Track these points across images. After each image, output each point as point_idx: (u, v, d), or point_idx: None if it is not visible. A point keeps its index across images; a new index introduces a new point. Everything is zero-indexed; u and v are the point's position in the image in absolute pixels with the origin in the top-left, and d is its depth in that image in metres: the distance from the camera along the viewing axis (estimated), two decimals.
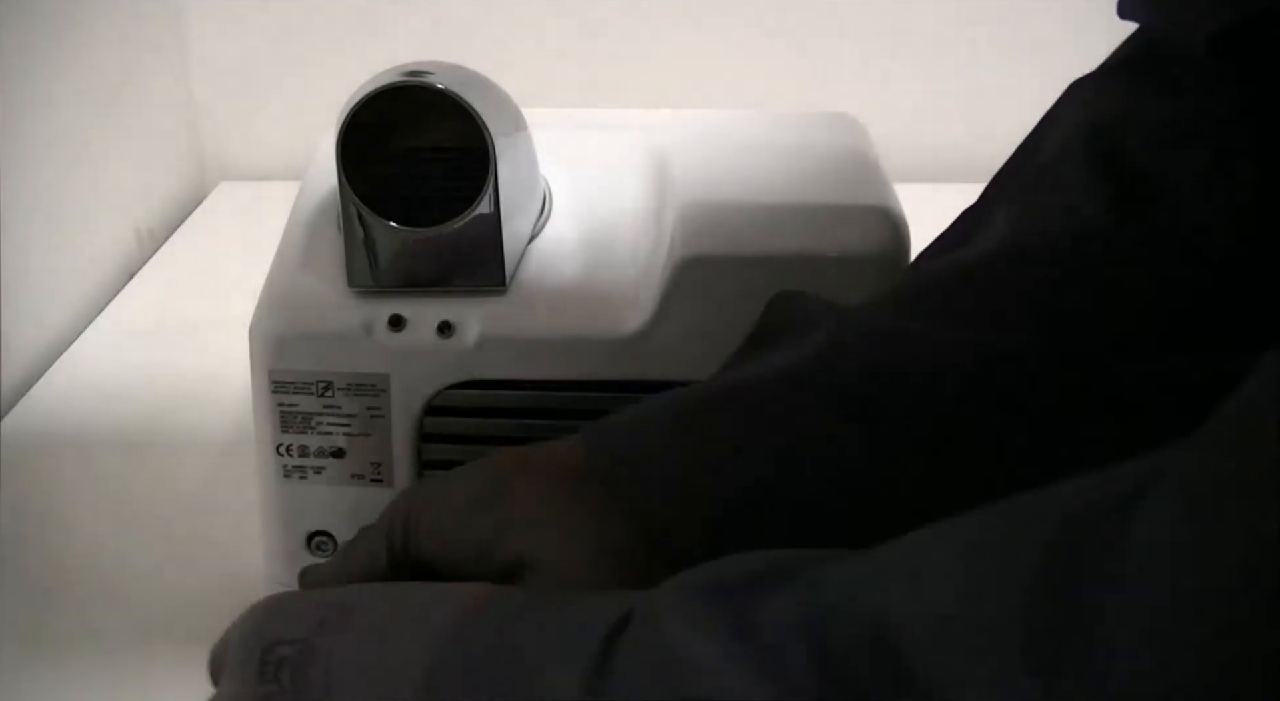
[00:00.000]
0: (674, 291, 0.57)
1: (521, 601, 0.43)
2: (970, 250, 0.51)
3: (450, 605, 0.43)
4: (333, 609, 0.45)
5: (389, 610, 0.45)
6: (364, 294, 0.58)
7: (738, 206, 0.59)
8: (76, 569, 0.67)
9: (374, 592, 0.46)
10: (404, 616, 0.44)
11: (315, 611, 0.45)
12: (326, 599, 0.46)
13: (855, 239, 0.57)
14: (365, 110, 0.54)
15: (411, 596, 0.45)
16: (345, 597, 0.46)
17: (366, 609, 0.45)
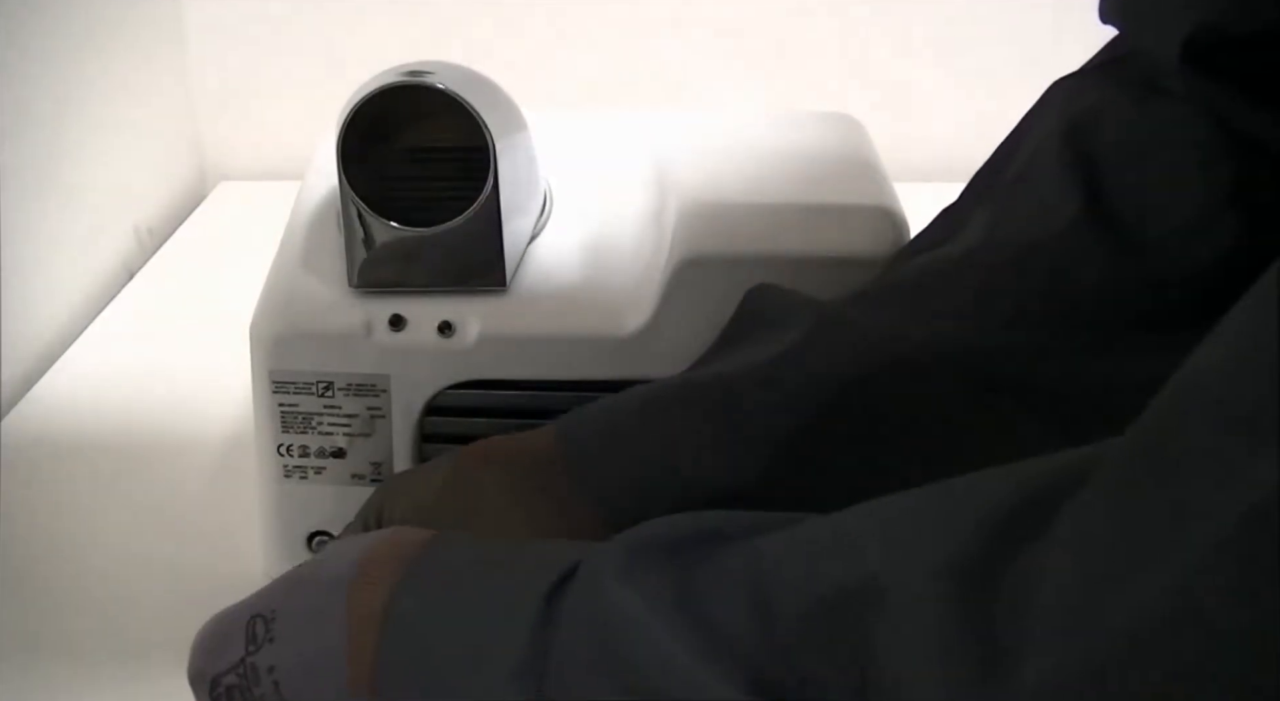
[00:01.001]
0: (674, 291, 0.57)
1: (462, 555, 0.43)
2: (947, 248, 0.52)
3: (368, 568, 0.44)
4: (257, 621, 0.45)
5: (306, 606, 0.45)
6: (364, 294, 0.58)
7: (738, 206, 0.59)
8: (77, 568, 0.67)
9: (288, 587, 0.47)
10: (319, 608, 0.44)
11: (241, 630, 0.46)
12: (251, 609, 0.46)
13: (855, 239, 0.57)
14: (365, 110, 0.54)
15: (322, 580, 0.45)
16: (266, 603, 0.46)
17: (287, 610, 0.45)
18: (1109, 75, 0.54)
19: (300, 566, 0.48)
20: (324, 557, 0.48)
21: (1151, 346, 0.48)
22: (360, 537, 0.47)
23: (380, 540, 0.46)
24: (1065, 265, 0.49)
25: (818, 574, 0.34)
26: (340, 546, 0.48)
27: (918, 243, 0.56)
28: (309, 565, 0.48)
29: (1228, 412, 0.27)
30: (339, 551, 0.47)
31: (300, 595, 0.46)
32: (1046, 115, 0.54)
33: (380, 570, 0.44)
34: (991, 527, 0.31)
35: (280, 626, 0.45)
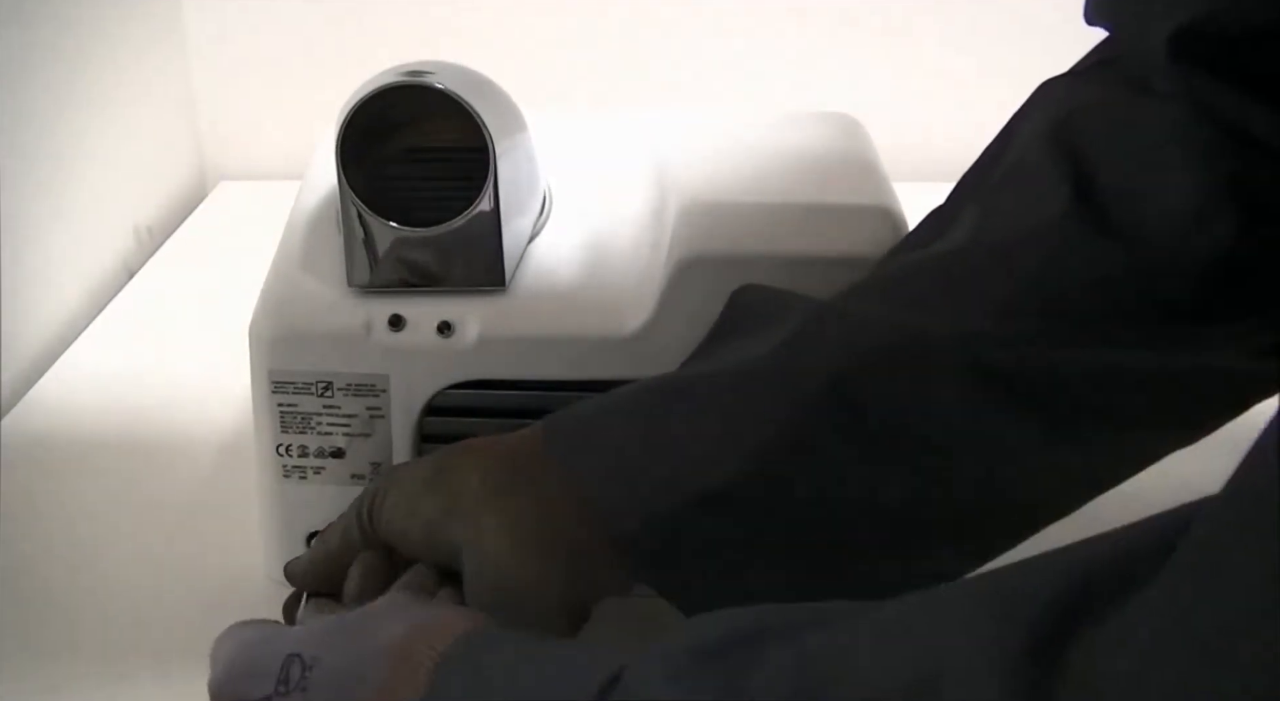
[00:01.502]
0: (674, 291, 0.57)
1: (506, 651, 0.43)
2: (937, 245, 0.52)
3: (410, 655, 0.43)
4: (295, 661, 0.45)
5: (346, 664, 0.45)
6: (364, 294, 0.58)
7: (738, 206, 0.59)
8: (76, 568, 0.67)
9: (335, 639, 0.46)
10: (360, 673, 0.44)
11: (278, 665, 0.45)
12: (291, 646, 0.46)
13: (855, 239, 0.57)
14: (365, 110, 0.54)
15: (368, 642, 0.45)
16: (309, 646, 0.46)
17: (326, 664, 0.45)
18: (1097, 76, 0.54)
19: (352, 616, 0.47)
20: (375, 614, 0.47)
21: (1143, 339, 0.48)
22: (408, 601, 0.48)
23: (432, 617, 0.45)
24: (1055, 257, 0.49)
25: (874, 674, 0.33)
26: (392, 606, 0.47)
27: (908, 241, 0.56)
28: (359, 618, 0.47)
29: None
30: (389, 612, 0.46)
31: (343, 650, 0.45)
32: (1034, 116, 0.54)
33: (426, 649, 0.43)
34: (1055, 612, 0.30)
35: (317, 676, 0.44)
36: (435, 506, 0.51)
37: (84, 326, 0.92)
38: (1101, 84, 0.52)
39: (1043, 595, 0.30)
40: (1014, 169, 0.52)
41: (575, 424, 0.51)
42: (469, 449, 0.53)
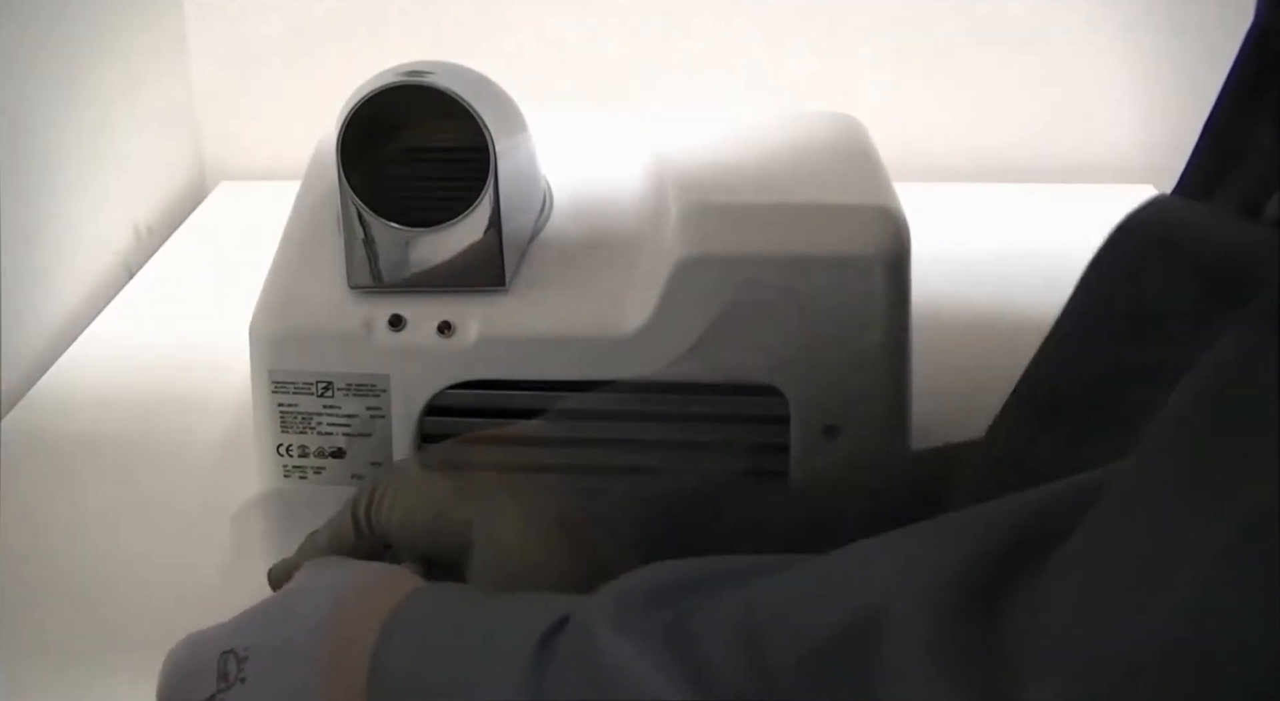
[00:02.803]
0: (674, 291, 0.57)
1: (450, 604, 0.43)
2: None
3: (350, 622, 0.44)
4: (229, 657, 0.45)
5: (282, 646, 0.45)
6: (364, 294, 0.58)
7: (738, 206, 0.59)
8: (76, 569, 0.67)
9: (265, 625, 0.46)
10: (299, 651, 0.44)
11: (213, 665, 0.46)
12: (223, 643, 0.46)
13: (855, 239, 0.57)
14: (365, 110, 0.54)
15: (300, 622, 0.45)
16: (240, 638, 0.46)
17: (258, 650, 0.45)
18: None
19: (273, 600, 0.48)
20: (299, 592, 0.48)
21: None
22: (332, 574, 0.48)
23: (359, 582, 0.46)
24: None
25: (815, 615, 0.34)
26: (314, 582, 0.48)
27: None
28: (282, 599, 0.47)
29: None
30: (313, 588, 0.47)
31: (275, 634, 0.46)
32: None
33: (361, 613, 0.44)
34: (990, 559, 0.31)
35: (252, 666, 0.45)
36: (446, 488, 0.51)
37: (84, 326, 0.92)
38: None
39: (978, 544, 0.32)
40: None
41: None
42: (480, 441, 0.53)
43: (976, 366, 0.83)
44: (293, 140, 0.82)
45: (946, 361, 0.76)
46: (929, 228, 0.69)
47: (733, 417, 0.58)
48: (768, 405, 0.58)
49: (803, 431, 0.58)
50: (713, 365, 0.57)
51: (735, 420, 0.58)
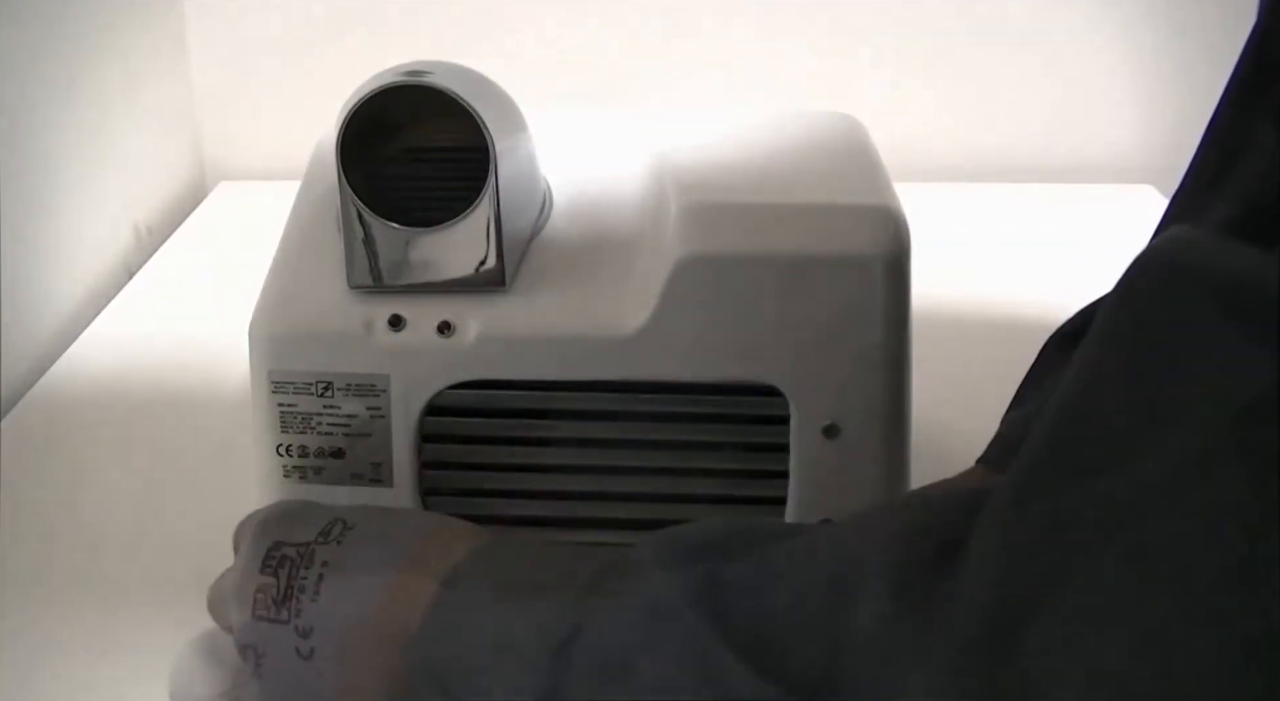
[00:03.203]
0: (674, 291, 0.57)
1: (516, 551, 0.50)
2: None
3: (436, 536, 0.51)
4: (336, 522, 0.51)
5: (379, 530, 0.51)
6: (364, 294, 0.58)
7: (738, 206, 0.58)
8: (76, 569, 0.67)
9: (374, 515, 0.53)
10: (388, 533, 0.50)
11: (320, 521, 0.51)
12: (335, 512, 0.52)
13: (855, 239, 0.57)
14: (365, 110, 0.54)
15: (403, 523, 0.52)
16: (349, 514, 0.52)
17: (364, 529, 0.51)
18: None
19: (375, 506, 0.55)
20: (406, 510, 0.56)
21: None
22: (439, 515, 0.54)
23: (449, 522, 0.52)
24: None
25: (804, 572, 0.41)
26: (418, 511, 0.57)
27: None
28: (382, 509, 0.55)
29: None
30: (419, 512, 0.56)
31: (382, 523, 0.52)
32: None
33: (455, 534, 0.51)
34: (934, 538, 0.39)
35: (352, 537, 0.50)
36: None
37: (84, 326, 0.92)
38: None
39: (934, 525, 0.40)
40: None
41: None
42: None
43: (976, 366, 0.83)
44: (293, 140, 0.82)
45: (946, 361, 0.76)
46: (929, 228, 0.69)
47: (733, 417, 0.58)
48: (768, 405, 0.58)
49: (803, 431, 0.58)
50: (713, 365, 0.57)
51: (735, 420, 0.58)
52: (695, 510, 0.59)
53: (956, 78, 1.17)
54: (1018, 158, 1.17)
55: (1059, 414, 0.36)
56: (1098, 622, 0.32)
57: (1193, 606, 0.30)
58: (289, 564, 0.50)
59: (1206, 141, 0.52)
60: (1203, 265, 0.34)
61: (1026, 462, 0.36)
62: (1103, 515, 0.33)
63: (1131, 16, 1.14)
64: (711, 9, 1.14)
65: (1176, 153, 0.54)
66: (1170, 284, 0.34)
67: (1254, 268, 0.33)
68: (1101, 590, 0.32)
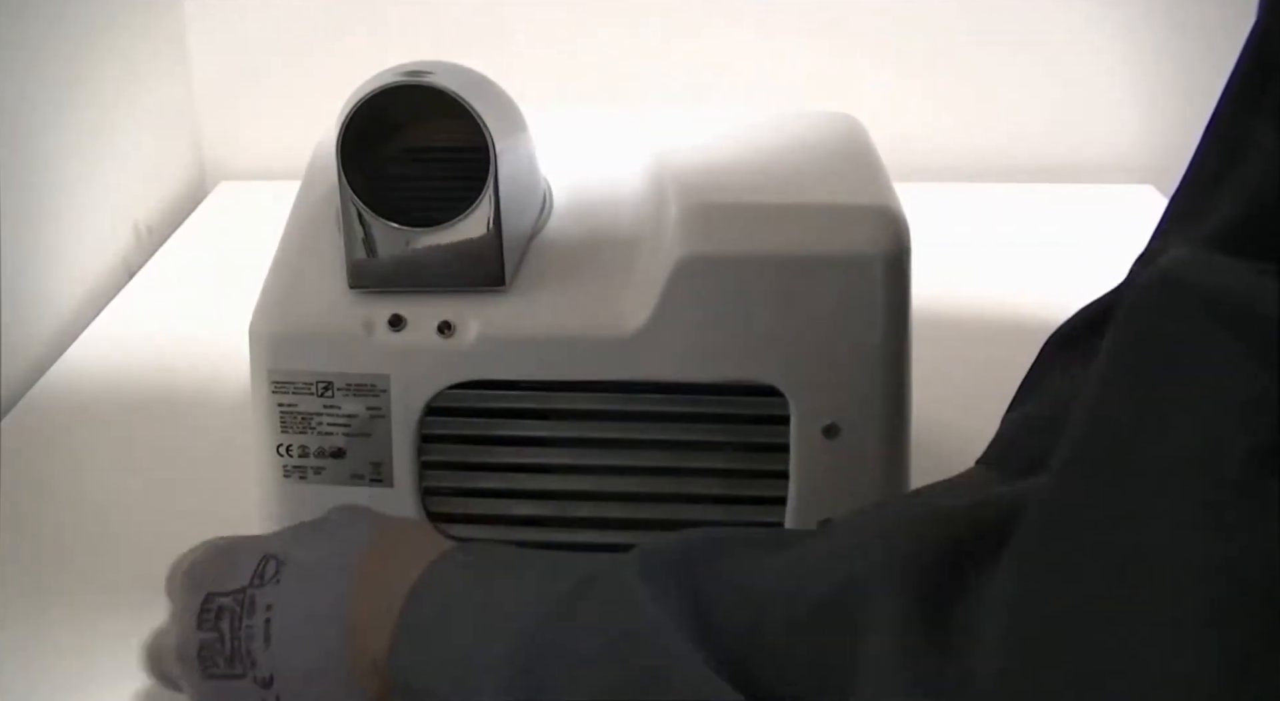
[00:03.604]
0: (674, 291, 0.57)
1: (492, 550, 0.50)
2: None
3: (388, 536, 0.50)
4: (270, 561, 0.49)
5: (316, 556, 0.49)
6: (364, 294, 0.58)
7: (738, 206, 0.58)
8: (76, 569, 0.67)
9: (304, 541, 0.51)
10: (327, 557, 0.49)
11: (253, 563, 0.49)
12: (264, 548, 0.50)
13: (855, 239, 0.57)
14: (365, 110, 0.54)
15: (340, 534, 0.50)
16: (280, 547, 0.50)
17: (298, 560, 0.49)
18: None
19: (313, 523, 0.52)
20: (340, 521, 0.52)
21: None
22: (372, 513, 0.53)
23: (403, 521, 0.51)
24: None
25: (808, 585, 0.39)
26: (354, 515, 0.53)
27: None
28: (322, 524, 0.52)
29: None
30: (354, 519, 0.52)
31: (316, 549, 0.50)
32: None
33: (404, 543, 0.49)
34: (955, 550, 0.37)
35: (289, 572, 0.49)
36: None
37: (84, 326, 0.92)
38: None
39: (948, 535, 0.37)
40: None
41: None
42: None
43: (976, 366, 0.83)
44: (293, 140, 0.82)
45: (946, 361, 0.76)
46: (929, 228, 0.69)
47: (733, 417, 0.58)
48: (768, 405, 0.58)
49: (803, 431, 0.58)
50: (713, 365, 0.57)
51: (735, 420, 0.58)
52: (695, 510, 0.59)
53: (956, 78, 1.17)
54: (1018, 158, 1.17)
55: (1073, 445, 0.34)
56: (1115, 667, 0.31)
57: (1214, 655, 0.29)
58: (229, 615, 0.48)
59: (1206, 140, 0.52)
60: (1203, 284, 0.33)
61: (1046, 495, 0.35)
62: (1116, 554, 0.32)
63: (1132, 16, 1.14)
64: (711, 9, 1.14)
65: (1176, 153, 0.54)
66: (1172, 304, 0.34)
67: (1252, 286, 0.33)
68: (1114, 634, 0.31)
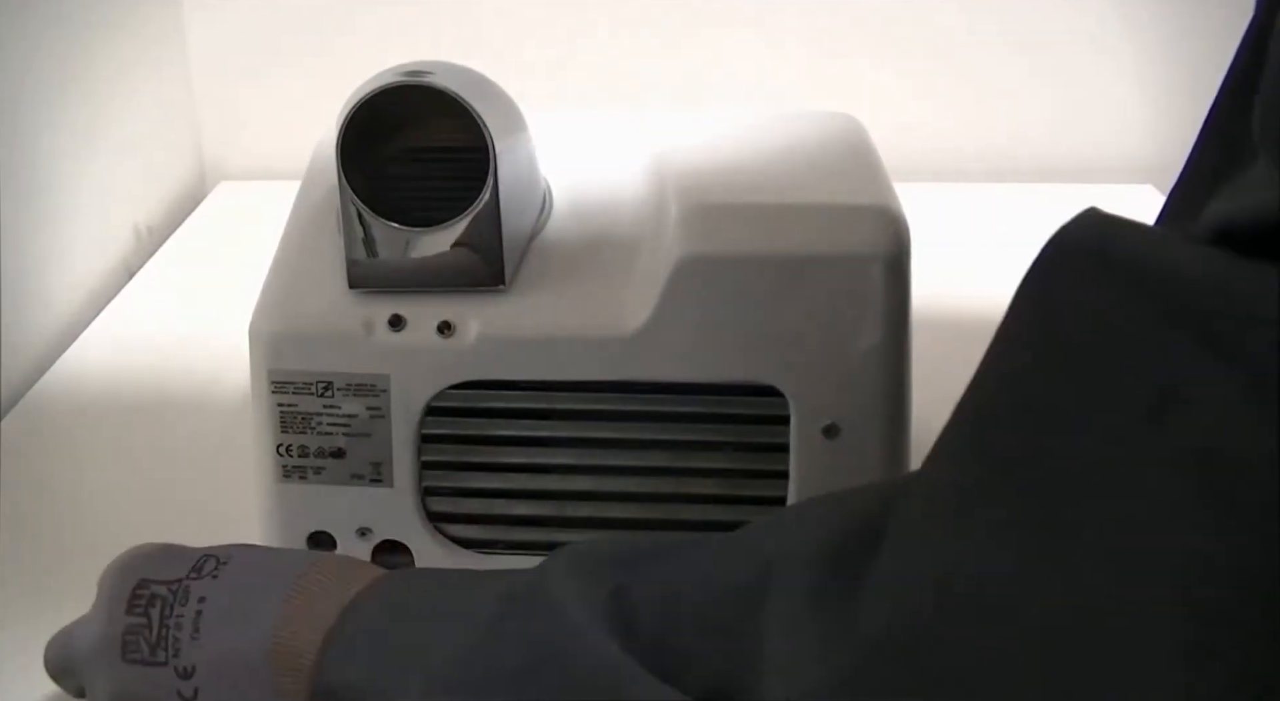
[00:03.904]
0: (674, 291, 0.57)
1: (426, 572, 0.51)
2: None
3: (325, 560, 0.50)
4: (210, 559, 0.49)
5: (258, 560, 0.49)
6: (364, 294, 0.58)
7: (738, 206, 0.58)
8: (76, 569, 0.67)
9: (250, 550, 0.51)
10: (270, 564, 0.49)
11: (192, 560, 0.49)
12: (207, 550, 0.50)
13: (855, 239, 0.57)
14: (365, 110, 0.54)
15: (280, 554, 0.51)
16: (223, 551, 0.50)
17: (240, 561, 0.49)
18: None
19: (247, 544, 0.52)
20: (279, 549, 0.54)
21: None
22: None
23: (347, 554, 0.52)
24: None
25: (720, 574, 0.41)
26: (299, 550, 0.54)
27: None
28: (255, 546, 0.52)
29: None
30: (289, 552, 0.53)
31: (260, 556, 0.50)
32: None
33: (343, 563, 0.49)
34: (851, 532, 0.38)
35: (229, 571, 0.48)
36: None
37: (84, 326, 0.92)
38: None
39: (847, 520, 0.39)
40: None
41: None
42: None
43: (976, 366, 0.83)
44: (293, 140, 0.82)
45: (946, 361, 0.76)
46: (929, 228, 0.69)
47: (733, 417, 0.58)
48: (768, 405, 0.58)
49: (803, 431, 0.58)
50: (713, 365, 0.57)
51: (735, 420, 0.58)
52: (695, 510, 0.59)
53: (956, 78, 1.17)
54: (1018, 158, 1.17)
55: (975, 397, 0.35)
56: (1008, 621, 0.31)
57: (1117, 595, 0.29)
58: (160, 602, 0.48)
59: (1204, 135, 0.51)
60: (1115, 248, 0.34)
61: (940, 452, 0.35)
62: (1018, 509, 0.32)
63: (1133, 16, 1.14)
64: (711, 9, 1.14)
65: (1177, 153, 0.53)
66: (1083, 265, 0.34)
67: (1164, 247, 0.33)
68: (1012, 584, 0.31)
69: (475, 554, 0.60)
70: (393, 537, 0.60)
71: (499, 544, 0.60)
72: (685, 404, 0.58)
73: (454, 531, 0.60)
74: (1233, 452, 0.29)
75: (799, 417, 0.58)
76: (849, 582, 0.36)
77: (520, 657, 0.41)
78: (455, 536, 0.60)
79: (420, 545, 0.60)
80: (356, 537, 0.60)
